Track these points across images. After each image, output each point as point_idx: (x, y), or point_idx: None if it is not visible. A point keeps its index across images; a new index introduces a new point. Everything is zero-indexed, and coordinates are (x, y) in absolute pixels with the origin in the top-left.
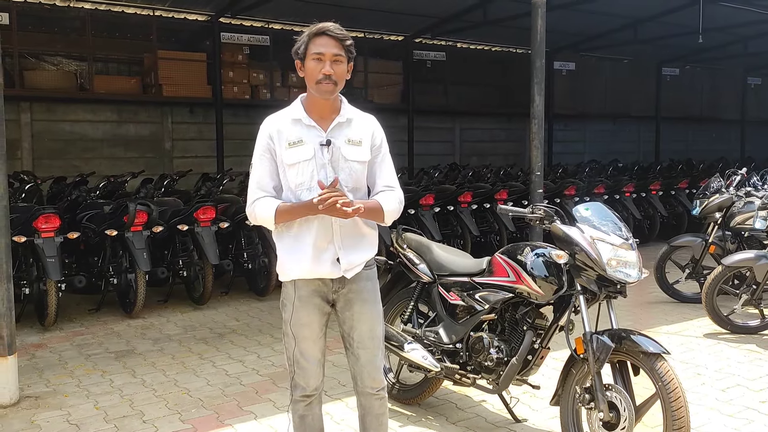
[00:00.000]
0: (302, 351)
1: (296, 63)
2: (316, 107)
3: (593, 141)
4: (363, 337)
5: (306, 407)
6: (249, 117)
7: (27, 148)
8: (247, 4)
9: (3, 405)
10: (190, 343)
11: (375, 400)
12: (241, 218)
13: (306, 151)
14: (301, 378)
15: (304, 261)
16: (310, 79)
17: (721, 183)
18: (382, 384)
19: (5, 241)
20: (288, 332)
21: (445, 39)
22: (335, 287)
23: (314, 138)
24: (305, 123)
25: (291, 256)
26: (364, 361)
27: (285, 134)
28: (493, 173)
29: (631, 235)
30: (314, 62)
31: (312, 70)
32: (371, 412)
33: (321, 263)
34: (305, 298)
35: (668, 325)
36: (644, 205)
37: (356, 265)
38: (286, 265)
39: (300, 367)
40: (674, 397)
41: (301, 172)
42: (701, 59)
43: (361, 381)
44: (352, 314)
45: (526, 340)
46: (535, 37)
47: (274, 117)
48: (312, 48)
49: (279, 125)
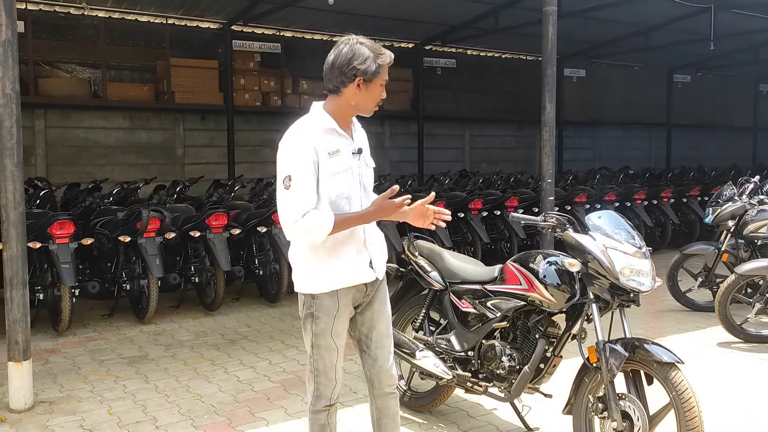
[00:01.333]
0: (332, 362)
1: (358, 80)
2: (345, 118)
3: (604, 148)
4: (381, 335)
5: (327, 417)
6: (260, 124)
7: (41, 154)
8: (259, 12)
9: (18, 410)
10: (202, 349)
11: (391, 399)
12: (252, 225)
13: (345, 161)
14: (327, 389)
15: (346, 269)
16: (369, 101)
17: (734, 191)
18: (396, 381)
19: (21, 247)
20: (328, 344)
21: (456, 46)
22: (369, 291)
23: (347, 147)
24: (339, 133)
25: (330, 267)
26: (382, 360)
27: (324, 144)
28: (503, 180)
29: (644, 244)
30: (380, 88)
31: (376, 93)
32: (388, 414)
33: (360, 269)
34: (344, 307)
35: (681, 333)
36: (656, 212)
37: (383, 266)
38: (322, 276)
39: (328, 378)
40: (688, 407)
41: (342, 181)
42: (713, 66)
43: (379, 382)
44: (372, 314)
45: (539, 349)
46: (546, 45)
47: (308, 127)
48: (383, 75)
49: (316, 135)
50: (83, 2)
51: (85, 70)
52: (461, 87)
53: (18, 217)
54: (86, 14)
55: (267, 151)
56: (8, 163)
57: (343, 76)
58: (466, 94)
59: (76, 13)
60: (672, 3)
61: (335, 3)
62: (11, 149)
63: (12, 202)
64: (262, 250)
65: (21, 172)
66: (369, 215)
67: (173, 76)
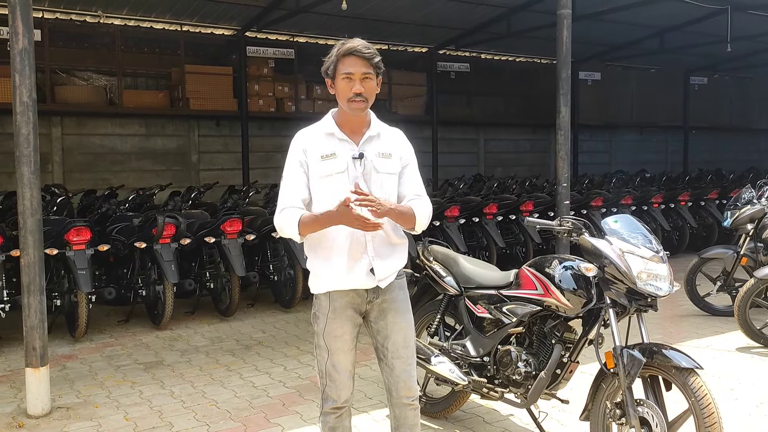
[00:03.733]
0: (335, 363)
1: (327, 81)
2: (348, 122)
3: (620, 151)
4: (398, 346)
5: (336, 419)
6: (274, 130)
7: (58, 161)
8: (272, 18)
9: (35, 416)
10: (218, 354)
11: (410, 410)
12: (267, 230)
13: (339, 164)
14: (332, 390)
15: (340, 272)
16: (341, 97)
17: (753, 194)
18: (416, 393)
19: (38, 254)
20: (321, 344)
21: (470, 50)
22: (369, 298)
23: (347, 151)
24: (338, 137)
25: (325, 268)
26: (399, 371)
27: (318, 147)
28: (518, 184)
29: (661, 248)
30: (344, 81)
31: (343, 89)
32: (405, 423)
33: (356, 274)
34: (339, 309)
35: (699, 338)
36: (673, 216)
37: (390, 274)
38: (320, 277)
39: (332, 379)
40: (708, 413)
41: (334, 184)
42: (730, 68)
43: (396, 391)
44: (386, 324)
45: (555, 354)
46: (560, 48)
47: (307, 131)
48: (341, 68)
49: (311, 139)
50: (99, 10)
51: (101, 78)
52: (475, 91)
53: (35, 224)
54: (102, 22)
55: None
56: (25, 170)
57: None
58: (480, 98)
59: (92, 21)
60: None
61: (348, 8)
62: (28, 156)
63: (29, 209)
64: (276, 255)
65: (38, 180)
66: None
67: (188, 82)
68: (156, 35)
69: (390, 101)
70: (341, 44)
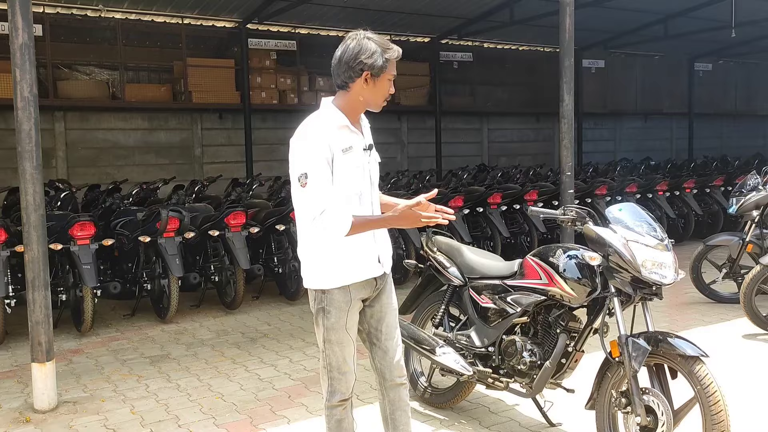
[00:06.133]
0: (346, 356)
1: (365, 74)
2: (355, 114)
3: (624, 139)
4: (390, 326)
5: (343, 411)
6: (277, 122)
7: (61, 156)
8: (274, 9)
9: (42, 410)
10: (223, 347)
11: (403, 389)
12: (271, 223)
13: (357, 157)
14: (341, 383)
15: (358, 265)
16: (379, 96)
17: (758, 180)
18: (405, 372)
19: (42, 249)
20: (332, 339)
21: (472, 39)
22: (378, 285)
23: (359, 143)
24: (351, 129)
25: (342, 262)
26: (393, 352)
27: (338, 141)
28: (522, 174)
29: (666, 236)
30: (388, 82)
31: (383, 88)
32: (400, 406)
33: (370, 264)
34: (354, 301)
35: (705, 326)
36: (678, 203)
37: (389, 261)
38: (338, 271)
39: (342, 372)
40: (713, 401)
41: (355, 177)
42: (735, 53)
43: (390, 374)
44: (381, 306)
45: (560, 343)
46: (563, 36)
47: (321, 124)
48: (390, 69)
49: (331, 133)
50: (100, 4)
51: (103, 72)
52: (478, 80)
53: (38, 219)
54: (103, 16)
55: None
56: (28, 166)
57: (350, 71)
58: (484, 87)
59: (93, 15)
60: None
61: None
62: (30, 152)
63: (32, 204)
64: (281, 248)
65: (40, 175)
66: (391, 221)
67: (190, 76)
68: (157, 28)
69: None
70: (388, 47)
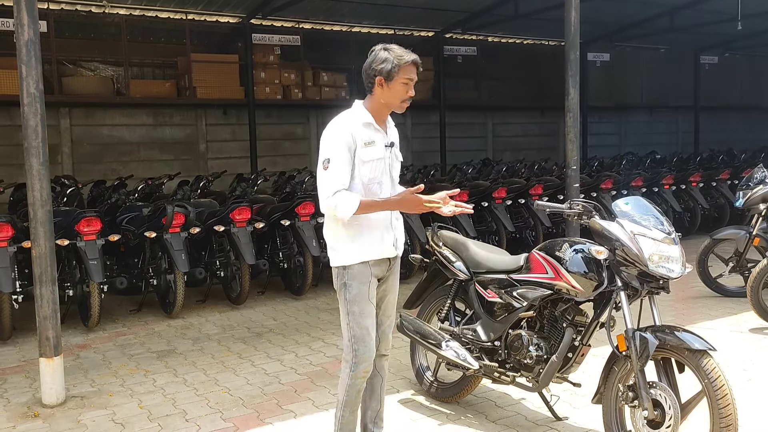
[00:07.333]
0: (368, 326)
1: (378, 79)
2: (381, 115)
3: (630, 133)
4: (389, 304)
5: (365, 380)
6: (281, 117)
7: (67, 152)
8: (278, 4)
9: (50, 405)
10: (229, 342)
11: (385, 360)
12: (276, 218)
13: (378, 151)
14: (365, 352)
15: (376, 245)
16: (396, 97)
17: (765, 173)
18: (390, 344)
19: (49, 244)
20: (354, 310)
21: (476, 33)
22: (391, 265)
23: (381, 140)
24: (375, 127)
25: (363, 240)
26: (385, 327)
27: (361, 135)
28: (527, 168)
29: (673, 230)
30: (403, 86)
31: (399, 91)
32: (382, 373)
33: (386, 245)
34: (373, 275)
35: (712, 320)
36: (684, 197)
37: (402, 245)
38: (356, 248)
39: (364, 342)
40: (721, 395)
41: (374, 168)
42: (741, 46)
43: (381, 345)
44: (387, 286)
45: (566, 338)
46: (568, 29)
47: (348, 120)
48: (403, 74)
49: (355, 127)
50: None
51: (108, 68)
52: (483, 75)
53: (45, 215)
54: (107, 12)
55: (289, 144)
56: (34, 162)
57: (369, 78)
58: (488, 81)
59: (98, 12)
60: None
61: None
62: (37, 148)
63: (39, 200)
64: (286, 243)
65: (47, 171)
66: (393, 203)
67: (194, 71)
68: (161, 24)
69: None
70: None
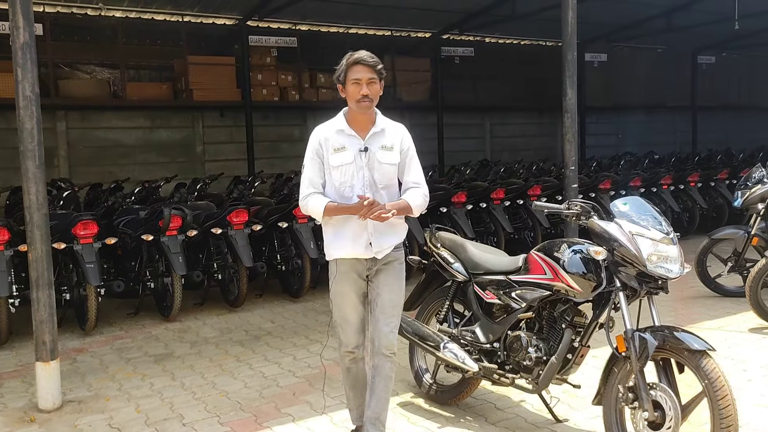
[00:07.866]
0: (343, 315)
1: (338, 87)
2: (357, 120)
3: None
4: (384, 302)
5: (351, 361)
6: (278, 119)
7: (63, 155)
8: (274, 6)
9: (47, 410)
10: (227, 345)
11: (386, 361)
12: (274, 220)
13: (348, 156)
14: (342, 335)
15: (344, 244)
16: (351, 99)
17: (763, 173)
18: (394, 349)
19: (46, 248)
20: (336, 301)
21: (474, 34)
22: (369, 265)
23: (355, 145)
24: (347, 133)
25: (335, 240)
26: (382, 324)
27: (331, 141)
28: (525, 169)
29: (671, 230)
30: (353, 86)
31: (352, 92)
32: (381, 373)
33: (357, 246)
34: (344, 272)
35: (711, 320)
36: (683, 197)
37: (385, 248)
38: (330, 246)
39: (342, 329)
40: (721, 395)
41: (344, 172)
42: (738, 46)
43: (378, 341)
44: (378, 283)
45: (565, 339)
46: (566, 30)
47: (323, 127)
48: (350, 75)
49: (326, 134)
50: (99, 2)
51: (104, 71)
52: (480, 76)
53: (41, 218)
54: (103, 14)
55: (286, 146)
56: (30, 165)
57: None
58: (486, 82)
59: (94, 14)
60: None
61: None
62: (32, 151)
63: (35, 203)
64: (283, 245)
65: (43, 174)
66: (353, 209)
67: (191, 73)
68: (157, 27)
69: (394, 88)
70: (349, 55)
